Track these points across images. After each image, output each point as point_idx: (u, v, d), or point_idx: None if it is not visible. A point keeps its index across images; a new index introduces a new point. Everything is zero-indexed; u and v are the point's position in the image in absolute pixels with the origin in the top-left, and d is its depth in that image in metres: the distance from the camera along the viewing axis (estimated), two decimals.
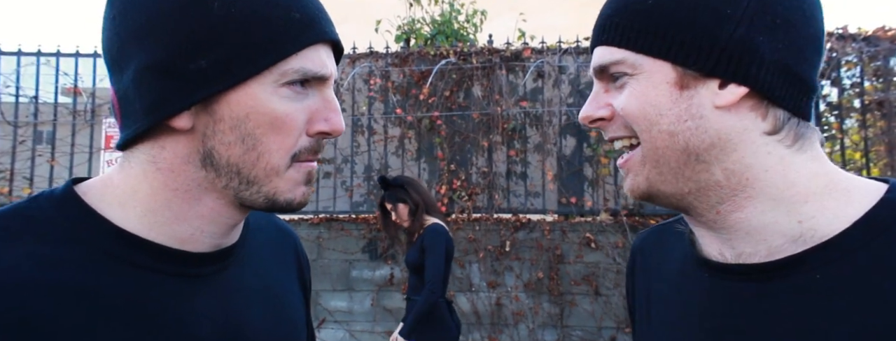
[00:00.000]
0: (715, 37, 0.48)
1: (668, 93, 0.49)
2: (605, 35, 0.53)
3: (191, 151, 0.50)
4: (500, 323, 4.11)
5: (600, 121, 0.54)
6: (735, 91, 0.48)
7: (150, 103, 0.48)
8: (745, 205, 0.50)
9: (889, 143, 3.87)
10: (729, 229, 0.51)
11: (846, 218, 0.48)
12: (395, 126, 4.50)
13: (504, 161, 4.35)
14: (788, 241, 0.49)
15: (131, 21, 0.48)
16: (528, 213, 4.25)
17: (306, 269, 0.71)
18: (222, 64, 0.47)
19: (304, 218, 4.35)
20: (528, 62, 4.32)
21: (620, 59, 0.51)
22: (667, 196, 0.52)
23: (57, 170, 4.51)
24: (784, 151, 0.50)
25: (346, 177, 4.51)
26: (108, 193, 0.51)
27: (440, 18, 5.32)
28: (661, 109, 0.50)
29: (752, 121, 0.49)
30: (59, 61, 4.50)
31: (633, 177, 0.54)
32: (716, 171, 0.50)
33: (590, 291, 4.02)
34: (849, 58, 4.02)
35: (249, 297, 0.57)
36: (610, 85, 0.54)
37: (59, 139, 4.56)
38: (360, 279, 4.24)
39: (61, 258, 0.47)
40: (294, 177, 0.52)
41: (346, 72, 4.53)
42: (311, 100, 0.52)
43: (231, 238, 0.56)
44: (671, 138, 0.50)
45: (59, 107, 4.55)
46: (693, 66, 0.49)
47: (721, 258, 0.53)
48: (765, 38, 0.48)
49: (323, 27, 0.52)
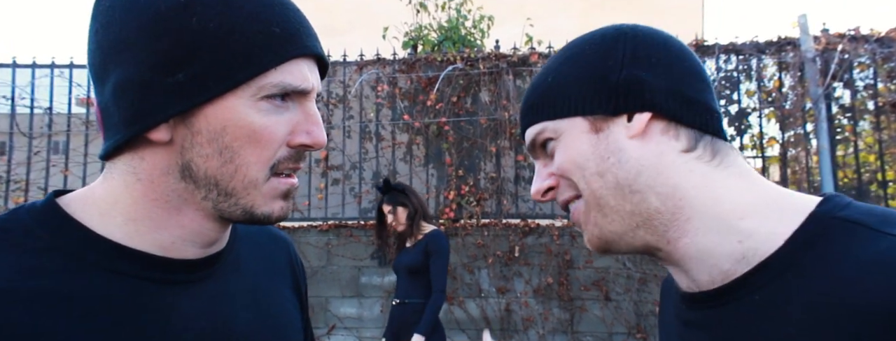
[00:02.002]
0: (605, 82, 0.55)
1: (587, 140, 0.55)
2: (526, 118, 0.60)
3: (170, 163, 0.51)
4: (510, 329, 4.08)
5: (549, 191, 0.59)
6: (640, 117, 0.54)
7: (129, 116, 0.49)
8: (688, 229, 0.53)
9: None
10: (682, 258, 0.54)
11: (780, 235, 0.49)
12: (403, 132, 4.51)
13: (512, 166, 4.34)
14: (735, 263, 0.51)
15: (112, 35, 0.49)
16: (537, 218, 4.24)
17: (301, 275, 0.71)
18: (199, 78, 0.48)
19: (313, 224, 4.37)
20: (535, 67, 4.31)
21: (541, 129, 0.58)
22: (620, 236, 0.55)
23: (71, 179, 4.58)
24: (705, 168, 0.53)
25: (355, 184, 4.53)
26: (89, 203, 0.52)
27: (447, 24, 5.34)
28: (585, 155, 0.55)
29: (666, 143, 0.54)
30: (72, 73, 4.58)
31: (587, 230, 0.58)
32: (651, 198, 0.53)
33: (600, 296, 3.99)
34: (861, 59, 3.97)
35: (237, 303, 0.57)
36: (545, 158, 0.60)
37: (72, 149, 4.63)
38: (369, 285, 4.25)
39: (40, 267, 0.47)
40: (272, 191, 0.52)
41: (353, 78, 4.55)
42: (292, 113, 0.52)
43: (217, 246, 0.57)
44: (602, 178, 0.54)
45: (73, 118, 4.63)
46: (599, 111, 0.55)
47: (690, 288, 0.56)
48: (647, 73, 0.54)
49: (304, 42, 0.52)
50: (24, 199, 4.45)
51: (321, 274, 4.26)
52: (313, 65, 0.54)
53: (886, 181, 3.91)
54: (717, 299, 0.52)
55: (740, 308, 0.50)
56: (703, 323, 0.54)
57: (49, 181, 4.55)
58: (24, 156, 4.54)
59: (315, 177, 4.54)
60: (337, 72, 4.59)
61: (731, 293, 0.51)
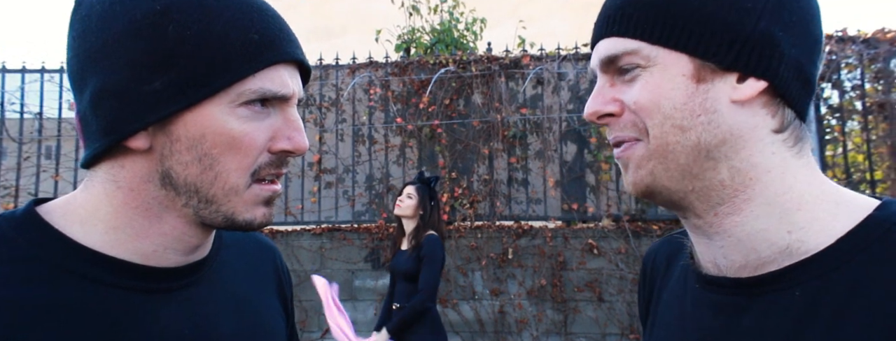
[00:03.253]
0: (737, 29, 0.47)
1: (683, 86, 0.48)
2: (615, 26, 0.51)
3: (150, 171, 0.51)
4: (504, 331, 4.09)
5: (608, 117, 0.52)
6: (754, 85, 0.47)
7: (107, 124, 0.49)
8: (743, 208, 0.49)
9: (892, 145, 3.85)
10: (722, 234, 0.50)
11: (833, 232, 0.47)
12: (396, 135, 4.51)
13: (505, 168, 4.35)
14: (777, 252, 0.48)
15: (89, 43, 0.49)
16: (530, 220, 4.25)
17: (287, 284, 0.71)
18: (176, 86, 0.48)
19: (306, 228, 4.36)
20: (528, 69, 4.33)
21: (634, 50, 0.49)
22: (670, 193, 0.51)
23: (61, 185, 4.55)
24: (786, 153, 0.49)
25: (348, 187, 4.52)
26: (70, 212, 0.52)
27: (440, 27, 5.35)
28: (675, 102, 0.48)
29: (762, 118, 0.48)
30: (62, 78, 4.55)
31: (635, 171, 0.51)
32: (722, 170, 0.49)
33: (593, 297, 4.00)
34: (849, 60, 4.01)
35: (221, 311, 0.57)
36: (616, 78, 0.52)
37: (63, 154, 4.61)
38: (362, 288, 4.24)
39: (20, 276, 0.47)
40: (254, 198, 0.52)
41: (346, 81, 4.55)
42: (273, 118, 0.52)
43: (199, 253, 0.56)
44: (683, 134, 0.48)
45: (64, 123, 4.60)
46: (712, 59, 0.47)
47: (714, 269, 0.53)
48: (783, 33, 0.47)
49: (283, 48, 0.52)
50: (13, 205, 4.42)
51: None
52: (294, 71, 0.54)
53: (875, 181, 3.94)
54: (754, 288, 0.49)
55: (779, 300, 0.47)
56: (729, 308, 0.50)
57: (39, 186, 4.51)
58: (14, 161, 4.50)
59: (308, 180, 4.53)
60: (329, 75, 4.59)
61: (771, 284, 0.48)
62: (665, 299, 0.60)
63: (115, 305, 0.49)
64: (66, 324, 0.47)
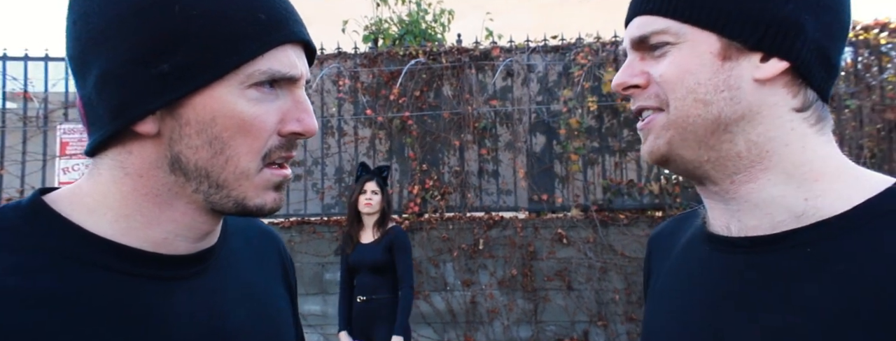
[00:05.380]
0: (764, 10, 0.49)
1: (709, 63, 0.51)
2: (649, 4, 0.53)
3: (159, 156, 0.49)
4: (476, 321, 4.13)
5: (634, 88, 0.55)
6: (777, 65, 0.50)
7: (114, 108, 0.48)
8: (759, 177, 0.51)
9: (840, 136, 4.06)
10: (739, 200, 0.53)
11: (849, 200, 0.49)
12: (366, 127, 4.47)
13: (475, 160, 4.38)
14: (791, 217, 0.50)
15: (91, 25, 0.47)
16: (501, 211, 4.29)
17: (291, 271, 0.71)
18: (184, 68, 0.47)
19: (274, 221, 4.27)
20: (497, 61, 4.35)
21: (664, 29, 0.52)
22: (685, 161, 0.54)
23: (7, 178, 4.30)
24: (807, 130, 0.51)
25: (317, 180, 4.45)
26: (77, 200, 0.50)
27: (408, 18, 5.30)
28: (700, 78, 0.51)
29: (783, 97, 0.51)
30: (5, 65, 4.28)
31: (653, 139, 0.54)
32: (739, 142, 0.51)
33: (563, 286, 4.09)
34: None
35: (231, 298, 0.56)
36: (647, 54, 0.54)
37: (9, 147, 4.35)
38: (333, 282, 4.19)
39: (29, 266, 0.45)
40: (264, 182, 0.52)
41: (313, 73, 4.46)
42: (282, 100, 0.51)
43: (208, 241, 0.56)
44: (705, 107, 0.51)
45: (8, 113, 4.33)
46: (739, 38, 0.50)
47: (725, 232, 0.55)
48: (809, 16, 0.49)
49: (290, 28, 0.51)
50: None
51: None
52: (301, 52, 0.53)
53: None
54: (765, 246, 0.51)
55: (789, 258, 0.49)
56: (739, 266, 0.52)
57: None
58: None
59: None
60: None
61: (782, 241, 0.50)
62: (671, 267, 0.62)
63: (127, 293, 0.48)
64: (79, 314, 0.45)
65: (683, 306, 0.57)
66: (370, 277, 2.76)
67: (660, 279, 0.63)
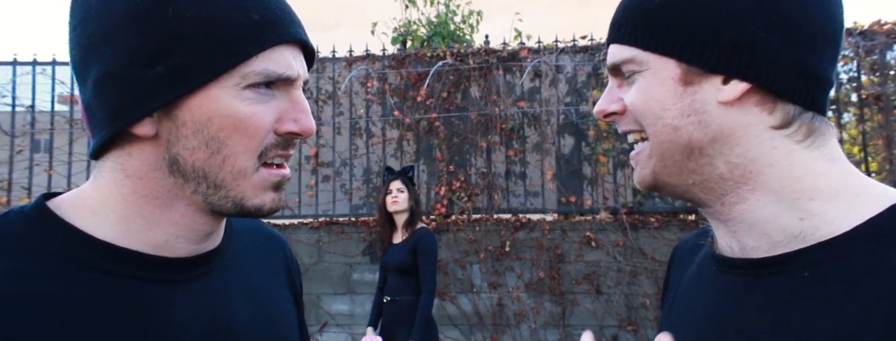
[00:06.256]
0: (717, 34, 0.49)
1: (672, 89, 0.51)
2: (617, 33, 0.55)
3: (157, 158, 0.50)
4: (502, 324, 4.10)
5: (613, 115, 0.56)
6: (737, 87, 0.49)
7: (111, 112, 0.48)
8: (748, 197, 0.51)
9: (887, 137, 3.88)
10: (734, 221, 0.52)
11: (848, 220, 0.47)
12: (393, 128, 4.50)
13: (503, 161, 4.35)
14: (788, 237, 0.49)
15: (90, 30, 0.48)
16: (528, 213, 4.25)
17: (296, 274, 0.71)
18: (179, 69, 0.47)
19: (303, 222, 4.35)
20: (525, 62, 4.32)
21: (629, 58, 0.53)
22: (673, 187, 0.54)
23: (55, 178, 4.50)
24: (793, 146, 0.50)
25: (346, 181, 4.51)
26: (79, 204, 0.51)
27: (436, 20, 5.32)
28: (665, 104, 0.51)
29: (756, 115, 0.50)
30: (55, 70, 4.49)
31: (640, 169, 0.56)
32: (719, 164, 0.51)
33: (591, 290, 4.02)
34: (845, 52, 4.02)
35: (234, 301, 0.56)
36: (623, 80, 0.55)
37: (56, 148, 4.56)
38: (360, 282, 4.24)
39: (33, 270, 0.46)
40: (262, 182, 0.51)
41: (342, 75, 4.52)
42: (279, 101, 0.51)
43: (210, 243, 0.56)
44: (674, 132, 0.51)
45: (56, 116, 4.55)
46: (696, 63, 0.50)
47: (729, 251, 0.54)
48: (766, 34, 0.48)
49: (285, 28, 0.51)
50: (6, 199, 4.37)
51: (312, 272, 4.24)
52: (298, 52, 0.53)
53: (870, 172, 3.97)
54: (763, 268, 0.50)
55: (787, 281, 0.48)
56: (740, 289, 0.52)
57: (32, 180, 4.47)
58: (6, 154, 4.45)
59: (305, 173, 4.51)
60: (326, 68, 4.56)
61: (780, 265, 0.49)
62: (685, 284, 0.62)
63: (129, 297, 0.49)
64: (82, 317, 0.46)
65: (691, 326, 0.56)
66: (397, 278, 2.78)
67: (675, 296, 0.63)
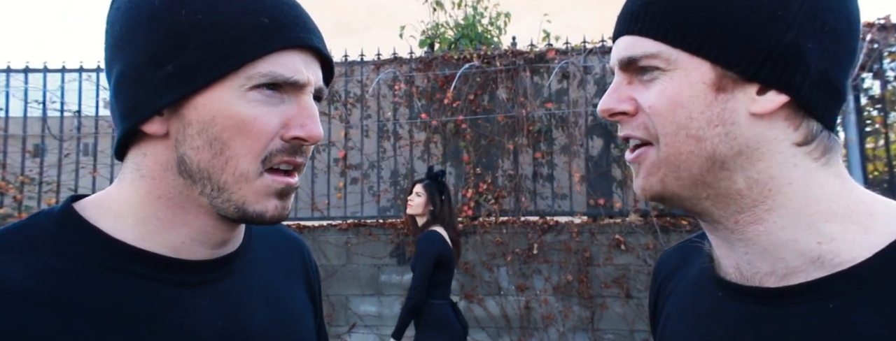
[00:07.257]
0: (763, 38, 0.44)
1: (702, 94, 0.46)
2: (637, 24, 0.48)
3: (168, 157, 0.51)
4: (530, 327, 4.07)
5: (621, 115, 0.50)
6: (775, 99, 0.45)
7: (125, 109, 0.50)
8: (765, 218, 0.47)
9: None
10: (747, 242, 0.49)
11: (867, 246, 0.45)
12: (421, 130, 4.52)
13: (530, 163, 4.32)
14: (807, 262, 0.46)
15: (116, 32, 0.51)
16: (556, 215, 4.21)
17: (315, 278, 0.71)
18: (187, 68, 0.49)
19: (332, 223, 4.42)
20: (553, 63, 4.28)
21: (655, 53, 0.47)
22: (682, 199, 0.50)
23: (99, 180, 4.71)
24: (811, 164, 0.47)
25: (373, 183, 4.56)
26: (104, 206, 0.53)
27: (464, 22, 5.33)
28: (692, 112, 0.46)
29: (783, 130, 0.46)
30: (99, 76, 4.70)
31: (646, 177, 0.50)
32: (738, 180, 0.47)
33: (621, 294, 3.95)
34: (892, 48, 3.84)
35: (253, 304, 0.57)
36: (635, 77, 0.50)
37: (100, 151, 4.77)
38: (388, 283, 4.28)
39: (56, 269, 0.47)
40: (265, 188, 0.51)
41: (370, 78, 4.58)
42: (287, 105, 0.52)
43: (229, 247, 0.56)
44: (697, 144, 0.47)
45: (101, 121, 4.76)
46: (735, 68, 0.45)
47: (736, 275, 0.51)
48: (812, 44, 0.45)
49: (296, 33, 0.51)
50: (55, 200, 4.60)
51: (341, 273, 4.31)
52: (312, 60, 0.53)
53: None
54: (784, 298, 0.47)
55: (810, 313, 0.45)
56: (749, 316, 0.49)
57: (79, 182, 4.69)
58: (56, 158, 4.68)
59: (334, 176, 4.58)
60: (354, 71, 4.62)
61: (803, 295, 0.46)
62: (680, 305, 0.58)
63: (148, 298, 0.50)
64: (101, 318, 0.48)
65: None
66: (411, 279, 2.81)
67: (668, 321, 0.59)
